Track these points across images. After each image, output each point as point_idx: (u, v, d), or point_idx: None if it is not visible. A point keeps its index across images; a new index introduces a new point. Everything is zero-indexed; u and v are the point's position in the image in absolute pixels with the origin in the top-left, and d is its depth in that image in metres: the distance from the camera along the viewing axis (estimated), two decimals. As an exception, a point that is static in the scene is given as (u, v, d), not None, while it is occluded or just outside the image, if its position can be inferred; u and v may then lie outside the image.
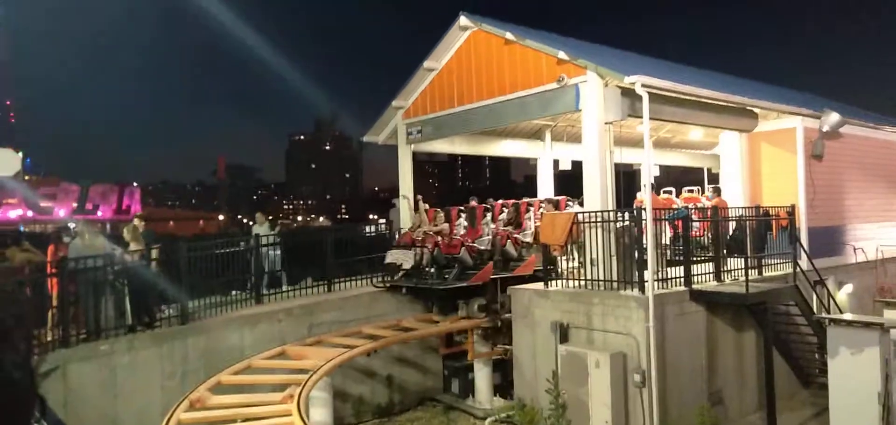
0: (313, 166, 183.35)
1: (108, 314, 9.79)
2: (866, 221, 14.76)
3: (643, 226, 9.97)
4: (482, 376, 12.95)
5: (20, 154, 9.27)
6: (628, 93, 10.49)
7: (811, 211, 13.03)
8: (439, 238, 13.15)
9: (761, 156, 13.64)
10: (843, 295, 13.07)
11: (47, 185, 44.30)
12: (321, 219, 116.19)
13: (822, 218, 13.41)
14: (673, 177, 21.68)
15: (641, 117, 10.23)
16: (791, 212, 12.36)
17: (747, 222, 11.89)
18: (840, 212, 14.20)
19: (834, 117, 12.76)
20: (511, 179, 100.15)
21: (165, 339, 10.03)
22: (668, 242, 11.21)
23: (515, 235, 13.13)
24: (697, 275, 10.81)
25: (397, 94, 15.12)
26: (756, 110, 13.18)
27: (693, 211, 12.55)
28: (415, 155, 15.77)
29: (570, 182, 17.44)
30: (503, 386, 13.05)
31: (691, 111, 11.92)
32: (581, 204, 12.88)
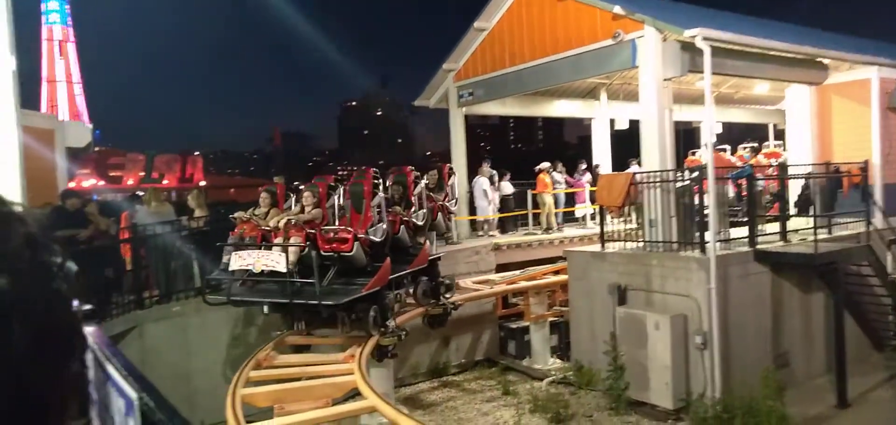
0: (365, 132, 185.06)
1: (178, 277, 10.24)
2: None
3: (704, 185, 9.69)
4: (539, 338, 12.98)
5: (90, 126, 9.70)
6: (688, 47, 10.10)
7: (887, 166, 12.33)
8: (310, 230, 8.46)
9: (832, 109, 12.94)
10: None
11: (116, 156, 46.17)
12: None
13: (899, 174, 12.68)
14: (735, 134, 20.85)
15: (702, 72, 9.85)
16: (864, 167, 11.73)
17: (815, 180, 11.37)
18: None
19: (914, 66, 11.96)
20: (564, 141, 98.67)
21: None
22: (730, 201, 10.87)
23: (406, 218, 9.67)
24: (762, 234, 10.46)
25: (448, 57, 15.01)
26: (826, 61, 12.48)
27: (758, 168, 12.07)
28: (466, 118, 15.68)
29: (627, 141, 17.05)
30: (559, 348, 13.05)
31: (756, 64, 11.40)
32: (638, 164, 12.61)
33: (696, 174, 10.00)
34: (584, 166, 16.75)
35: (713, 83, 11.96)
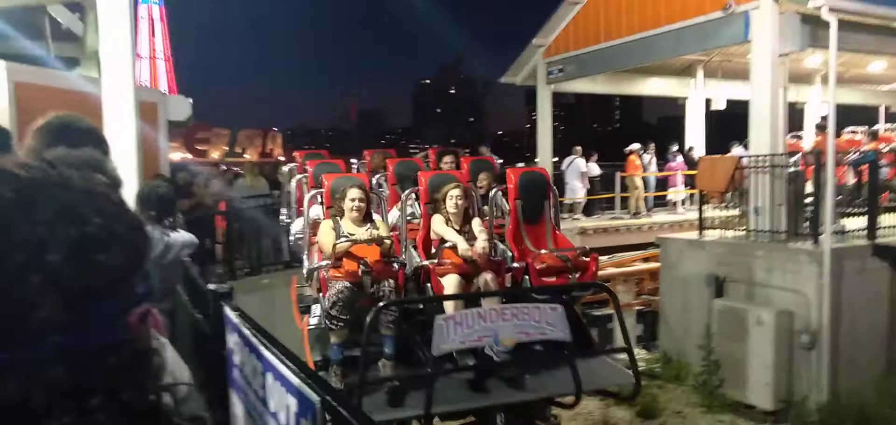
0: (438, 110, 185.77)
1: (268, 250, 10.40)
2: None
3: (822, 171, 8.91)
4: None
5: (190, 100, 9.94)
6: (809, 19, 9.24)
7: None
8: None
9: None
10: None
11: (202, 130, 48.14)
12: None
13: None
14: (840, 116, 19.26)
15: (825, 47, 9.00)
16: None
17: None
18: None
19: None
20: (644, 121, 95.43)
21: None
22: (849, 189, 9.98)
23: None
24: (882, 227, 9.56)
25: (538, 32, 14.51)
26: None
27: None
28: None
29: (724, 122, 16.11)
30: (645, 338, 12.53)
31: (882, 38, 10.33)
32: (744, 147, 11.80)
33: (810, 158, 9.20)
34: (675, 148, 15.91)
35: (822, 61, 11.00)
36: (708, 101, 15.91)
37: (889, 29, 10.16)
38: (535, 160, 15.30)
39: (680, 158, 15.42)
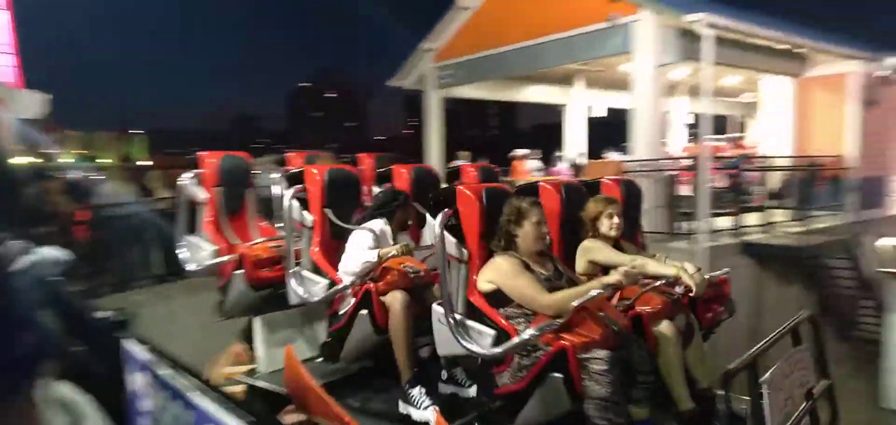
0: (315, 114, 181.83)
1: (136, 263, 9.40)
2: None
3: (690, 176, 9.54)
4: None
5: (46, 96, 8.73)
6: (686, 33, 9.86)
7: (865, 160, 12.48)
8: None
9: (810, 101, 13.02)
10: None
11: (51, 131, 43.56)
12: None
13: (877, 167, 12.84)
14: (700, 125, 21.00)
15: (699, 60, 9.63)
16: (842, 160, 11.84)
17: (797, 171, 11.40)
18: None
19: (892, 61, 12.12)
20: (519, 128, 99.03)
21: (198, 289, 9.68)
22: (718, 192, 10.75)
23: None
24: (743, 226, 10.38)
25: (427, 36, 14.42)
26: (805, 53, 12.53)
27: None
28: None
29: (595, 129, 16.89)
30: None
31: (743, 54, 11.29)
32: (620, 153, 12.38)
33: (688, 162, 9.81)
34: (558, 154, 16.46)
35: (688, 73, 11.79)
36: (588, 109, 16.63)
37: (748, 45, 11.12)
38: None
39: (565, 164, 15.97)
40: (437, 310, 3.34)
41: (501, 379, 3.14)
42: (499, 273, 3.24)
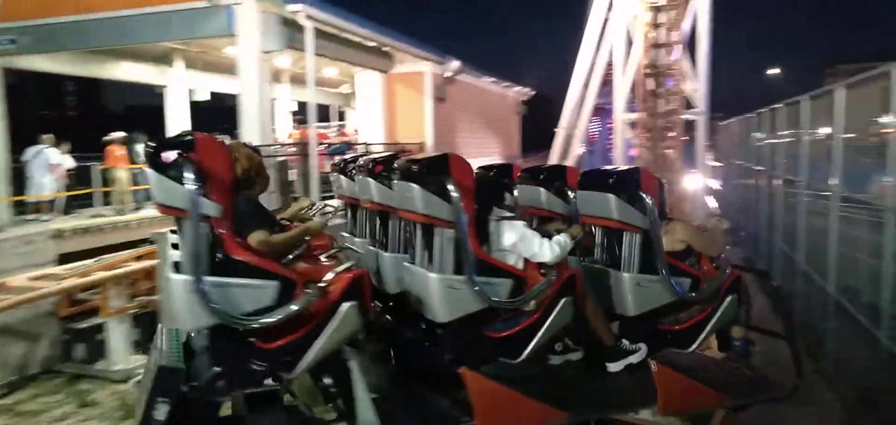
0: None
1: None
2: (471, 157, 17.64)
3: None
4: (118, 335, 11.21)
5: None
6: (289, 22, 10.16)
7: (438, 146, 14.94)
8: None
9: (396, 95, 14.93)
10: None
11: None
12: None
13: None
14: (302, 113, 21.98)
15: (302, 49, 10.06)
16: (421, 147, 13.97)
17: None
18: (458, 147, 16.62)
19: (454, 64, 14.77)
20: (108, 109, 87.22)
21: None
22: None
23: None
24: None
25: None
26: (390, 52, 14.31)
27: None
28: None
29: (208, 114, 16.23)
30: (144, 343, 11.62)
31: (342, 48, 12.25)
32: (231, 138, 12.10)
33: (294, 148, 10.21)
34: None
35: (292, 61, 12.26)
36: (190, 92, 15.71)
37: (346, 40, 12.13)
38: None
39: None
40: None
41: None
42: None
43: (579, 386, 4.03)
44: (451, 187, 3.22)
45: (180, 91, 15.69)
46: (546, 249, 3.68)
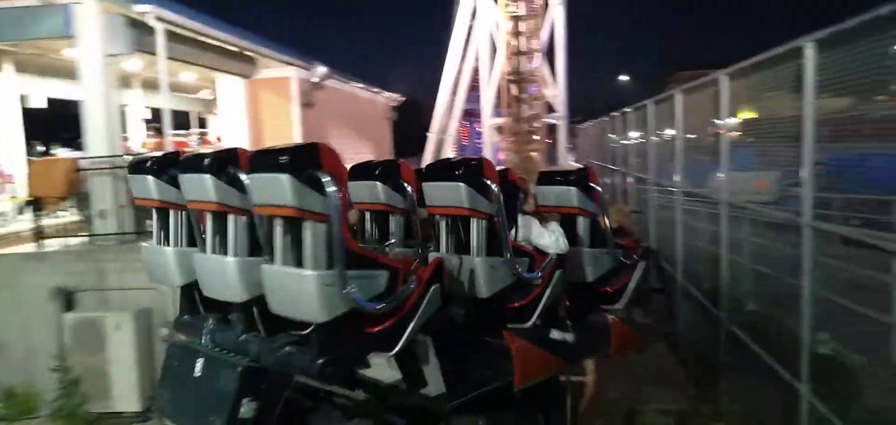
0: None
1: None
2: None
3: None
4: None
5: None
6: (137, 24, 9.39)
7: (306, 152, 14.53)
8: None
9: (261, 101, 14.36)
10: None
11: None
12: None
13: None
14: (155, 119, 20.49)
15: (152, 53, 9.37)
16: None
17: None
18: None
19: (322, 70, 14.48)
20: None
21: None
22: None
23: None
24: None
25: None
26: (253, 57, 13.74)
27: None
28: None
29: (45, 123, 14.65)
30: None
31: (199, 52, 11.57)
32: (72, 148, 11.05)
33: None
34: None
35: (144, 65, 11.42)
36: (23, 98, 14.04)
37: (203, 44, 11.45)
38: None
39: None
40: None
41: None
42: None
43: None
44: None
45: (10, 97, 13.97)
46: (562, 242, 4.35)
